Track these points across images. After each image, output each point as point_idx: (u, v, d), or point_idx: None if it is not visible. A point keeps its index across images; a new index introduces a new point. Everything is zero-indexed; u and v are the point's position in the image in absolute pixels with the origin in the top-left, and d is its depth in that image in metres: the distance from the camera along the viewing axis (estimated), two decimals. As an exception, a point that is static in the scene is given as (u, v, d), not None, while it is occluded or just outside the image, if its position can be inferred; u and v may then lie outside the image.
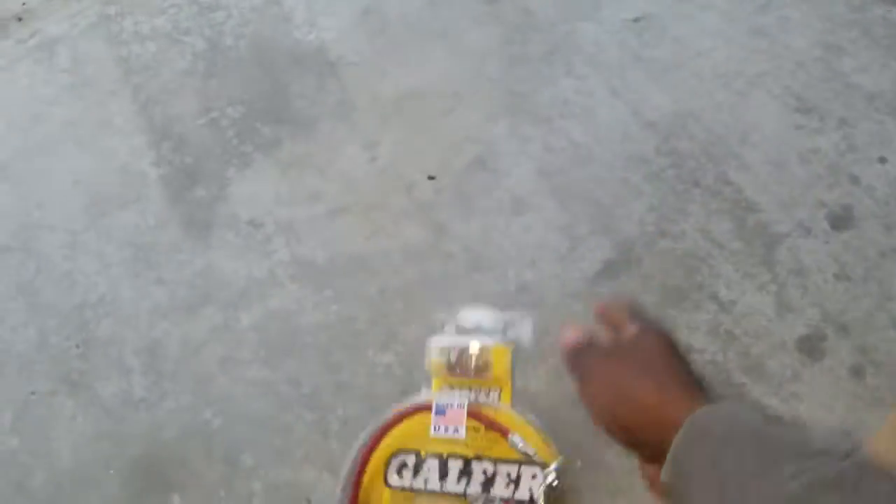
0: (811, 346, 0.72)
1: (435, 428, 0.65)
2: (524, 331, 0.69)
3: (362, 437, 0.65)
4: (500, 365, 0.67)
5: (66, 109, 0.97)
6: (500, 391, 0.66)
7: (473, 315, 0.70)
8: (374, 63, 0.97)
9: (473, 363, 0.68)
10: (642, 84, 0.89)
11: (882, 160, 0.80)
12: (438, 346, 0.69)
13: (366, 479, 0.64)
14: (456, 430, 0.65)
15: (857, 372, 0.70)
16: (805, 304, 0.73)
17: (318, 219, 0.85)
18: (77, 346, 0.77)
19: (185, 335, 0.78)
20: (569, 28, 0.95)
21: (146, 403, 0.74)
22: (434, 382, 0.67)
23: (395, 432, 0.66)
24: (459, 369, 0.68)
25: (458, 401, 0.65)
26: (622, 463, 0.66)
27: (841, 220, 0.77)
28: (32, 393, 0.74)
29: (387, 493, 0.64)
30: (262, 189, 0.87)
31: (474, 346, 0.68)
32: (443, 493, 0.63)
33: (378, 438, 0.65)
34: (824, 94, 0.86)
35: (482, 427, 0.64)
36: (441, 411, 0.65)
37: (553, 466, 0.62)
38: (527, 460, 0.62)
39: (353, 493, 0.63)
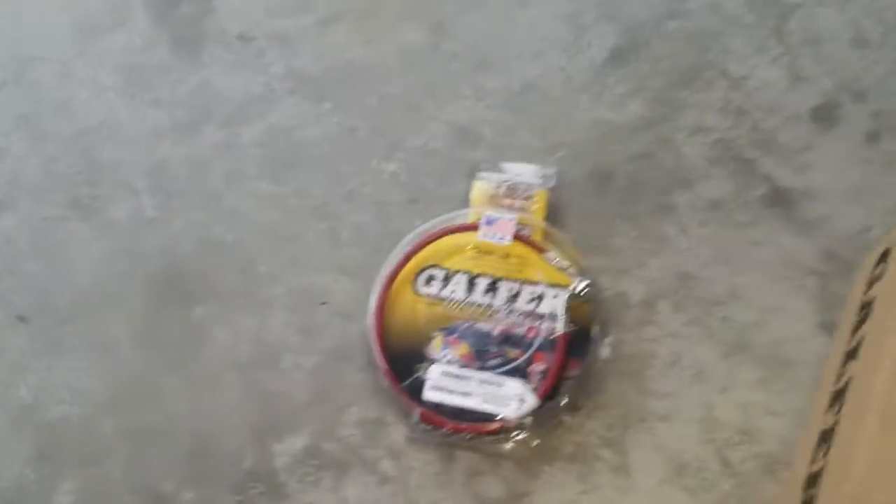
0: (825, 115, 0.69)
1: (483, 235, 0.66)
2: (556, 182, 0.70)
3: (396, 250, 0.67)
4: (540, 205, 0.68)
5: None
6: (534, 228, 0.67)
7: (514, 167, 0.71)
8: None
9: (521, 195, 0.69)
10: None
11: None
12: (484, 179, 0.70)
13: (395, 285, 0.66)
14: (502, 238, 0.66)
15: (872, 137, 0.67)
16: (819, 74, 0.70)
17: (310, 29, 0.81)
18: (81, 173, 0.77)
19: (189, 154, 0.77)
20: None
21: (158, 222, 0.74)
22: (474, 211, 0.68)
23: (427, 249, 0.67)
24: (505, 202, 0.69)
25: (507, 215, 0.67)
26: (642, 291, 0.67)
27: (863, -15, 0.72)
28: (44, 219, 0.75)
29: (414, 298, 0.65)
30: (249, 1, 0.83)
31: (523, 182, 0.70)
32: (468, 304, 0.64)
33: (411, 253, 0.67)
34: None
35: (513, 254, 0.66)
36: (491, 221, 0.67)
37: (581, 279, 0.64)
38: (554, 282, 0.64)
39: (383, 297, 0.65)
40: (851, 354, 0.53)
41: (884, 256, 0.56)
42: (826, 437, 0.51)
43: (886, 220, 0.65)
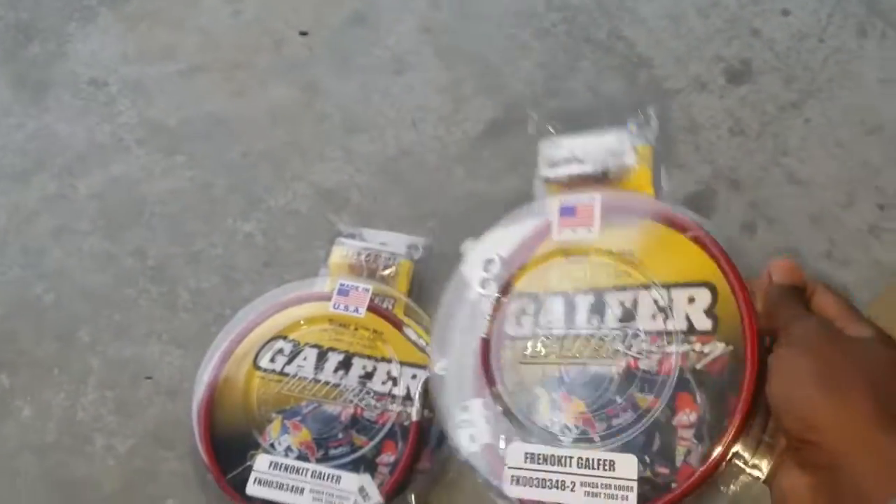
0: (700, 205, 0.67)
1: (335, 305, 0.60)
2: (423, 254, 0.65)
3: (237, 317, 0.59)
4: (403, 277, 0.63)
5: None
6: (396, 301, 0.61)
7: (378, 234, 0.65)
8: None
9: (382, 266, 0.63)
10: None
11: (785, 12, 0.75)
12: (345, 245, 0.64)
13: (232, 359, 0.58)
14: (357, 310, 0.60)
15: (748, 228, 0.66)
16: (696, 161, 0.69)
17: (171, 78, 0.75)
18: None
19: (14, 205, 0.68)
20: None
21: (-33, 279, 0.65)
22: (331, 279, 0.61)
23: (274, 319, 0.60)
24: (366, 272, 0.62)
25: (362, 285, 0.60)
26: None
27: (738, 75, 0.72)
28: None
29: (253, 374, 0.58)
30: (106, 46, 0.77)
31: (387, 252, 0.64)
32: (315, 381, 0.57)
33: (255, 323, 0.59)
34: (728, -55, 0.79)
35: (370, 329, 0.59)
36: (344, 291, 0.60)
37: (439, 362, 0.57)
38: (412, 362, 0.58)
39: (216, 372, 0.57)
40: None
41: None
42: None
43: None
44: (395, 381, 0.58)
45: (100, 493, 0.55)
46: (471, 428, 0.48)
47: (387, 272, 0.63)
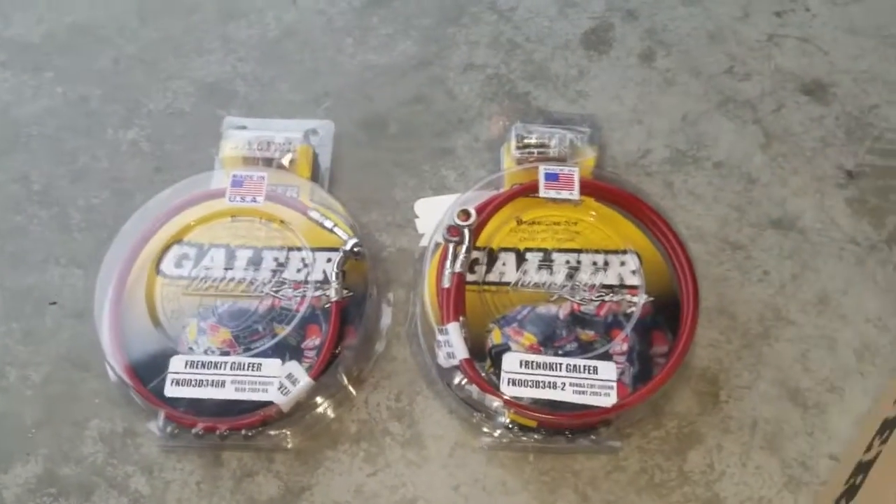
0: (597, 40, 0.65)
1: (231, 198, 0.57)
2: (326, 138, 0.62)
3: (125, 230, 0.56)
4: (304, 162, 0.59)
5: None
6: (300, 188, 0.58)
7: (274, 123, 0.62)
8: None
9: (277, 153, 0.59)
10: None
11: None
12: (233, 137, 0.60)
13: (133, 271, 0.55)
14: (254, 200, 0.57)
15: (646, 57, 0.64)
16: (588, -4, 0.67)
17: (23, -11, 0.69)
18: None
19: None
20: None
21: None
22: (226, 174, 0.58)
23: (172, 223, 0.57)
24: (261, 162, 0.59)
25: (257, 174, 0.57)
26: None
27: None
28: None
29: (159, 283, 0.55)
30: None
31: (281, 137, 0.59)
32: (226, 280, 0.55)
33: (151, 231, 0.56)
34: None
35: (276, 218, 0.57)
36: (238, 182, 0.57)
37: (351, 238, 0.55)
38: (323, 245, 0.56)
39: (119, 287, 0.54)
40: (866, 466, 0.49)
41: None
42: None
43: (667, 141, 0.62)
44: (309, 267, 0.56)
45: (22, 424, 0.53)
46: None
47: (286, 160, 0.60)
